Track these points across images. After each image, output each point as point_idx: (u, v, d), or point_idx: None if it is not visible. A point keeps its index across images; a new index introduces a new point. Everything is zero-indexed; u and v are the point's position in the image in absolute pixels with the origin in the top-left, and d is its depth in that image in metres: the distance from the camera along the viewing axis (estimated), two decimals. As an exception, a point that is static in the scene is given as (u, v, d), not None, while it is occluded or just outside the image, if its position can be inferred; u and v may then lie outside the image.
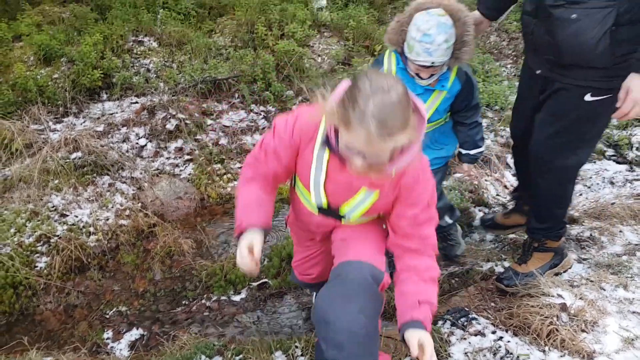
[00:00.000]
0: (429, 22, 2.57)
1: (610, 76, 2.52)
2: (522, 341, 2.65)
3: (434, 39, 2.56)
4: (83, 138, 4.47)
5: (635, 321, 2.77)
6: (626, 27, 2.39)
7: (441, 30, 2.57)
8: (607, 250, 3.61)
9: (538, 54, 2.79)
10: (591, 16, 2.40)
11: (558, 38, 2.54)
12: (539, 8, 2.63)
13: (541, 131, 2.89)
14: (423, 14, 2.62)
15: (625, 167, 4.97)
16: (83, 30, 5.76)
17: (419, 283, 2.03)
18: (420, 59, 2.63)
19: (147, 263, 3.85)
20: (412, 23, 2.64)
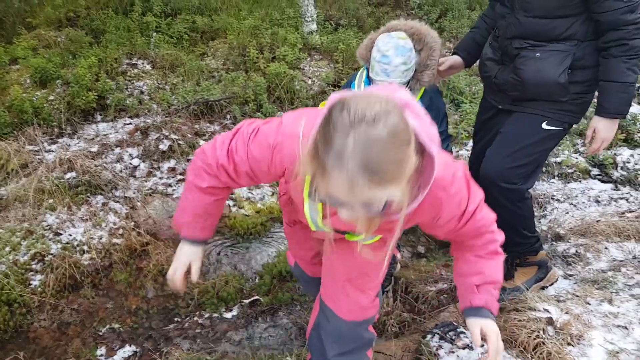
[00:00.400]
0: (388, 44, 2.72)
1: (564, 110, 2.89)
2: (510, 354, 2.70)
3: (391, 60, 2.72)
4: (77, 158, 4.53)
5: (620, 334, 2.84)
6: (579, 71, 2.76)
7: (399, 53, 2.71)
8: (592, 266, 3.69)
9: (500, 93, 3.05)
10: (552, 56, 2.74)
11: (524, 75, 2.83)
12: (503, 55, 2.96)
13: (495, 153, 3.05)
14: (385, 35, 2.77)
15: (610, 186, 5.07)
16: (78, 53, 5.86)
17: (476, 262, 1.87)
18: (379, 78, 2.81)
19: (139, 281, 3.89)
20: (376, 43, 2.80)
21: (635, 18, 2.58)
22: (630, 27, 2.59)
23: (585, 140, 2.97)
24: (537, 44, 2.77)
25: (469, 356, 2.65)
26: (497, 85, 3.04)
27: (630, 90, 2.71)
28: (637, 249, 3.85)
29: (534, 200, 4.81)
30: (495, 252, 1.89)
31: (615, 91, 2.70)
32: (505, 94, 3.01)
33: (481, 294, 1.83)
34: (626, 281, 3.39)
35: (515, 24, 2.81)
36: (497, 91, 3.08)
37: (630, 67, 2.65)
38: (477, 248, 1.86)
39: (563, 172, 5.22)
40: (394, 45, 2.71)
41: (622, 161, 5.33)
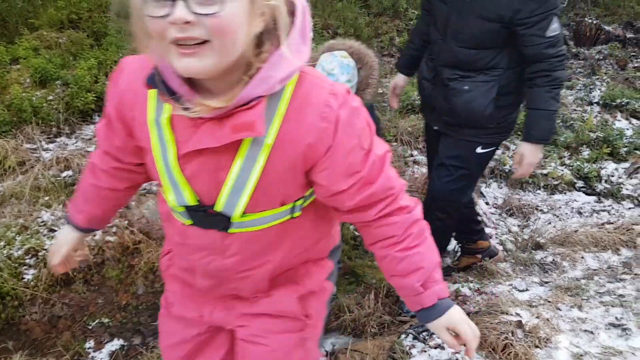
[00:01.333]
0: (333, 63, 2.74)
1: (493, 134, 3.16)
2: (479, 355, 2.82)
3: (337, 79, 2.72)
4: (74, 157, 4.67)
5: (586, 339, 2.97)
6: (504, 96, 2.98)
7: (344, 71, 2.74)
8: (567, 274, 3.82)
9: (435, 113, 3.24)
10: (479, 88, 2.95)
11: (454, 105, 3.06)
12: (436, 77, 3.12)
13: (439, 177, 3.32)
14: (328, 55, 2.80)
15: (593, 199, 5.21)
16: (79, 55, 5.99)
17: (406, 257, 1.48)
18: None
19: (130, 278, 4.00)
20: (318, 64, 2.81)
21: (556, 51, 2.80)
22: (553, 60, 2.80)
23: (513, 165, 3.37)
24: (466, 75, 2.97)
25: (440, 355, 2.77)
26: (432, 105, 3.25)
27: (554, 118, 2.99)
28: (613, 259, 3.98)
29: (519, 211, 4.95)
30: (420, 235, 1.50)
31: (540, 118, 2.94)
32: (439, 115, 3.23)
33: (429, 289, 1.48)
34: (598, 289, 3.52)
35: (447, 52, 2.99)
36: (433, 110, 3.29)
37: (553, 96, 2.88)
38: (399, 239, 1.47)
39: (549, 183, 5.35)
40: (339, 64, 2.74)
41: (607, 174, 5.47)
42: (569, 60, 8.05)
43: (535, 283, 3.69)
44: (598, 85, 7.24)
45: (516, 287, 3.64)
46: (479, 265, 4.04)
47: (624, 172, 5.57)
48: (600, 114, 6.62)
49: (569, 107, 6.63)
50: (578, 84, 7.27)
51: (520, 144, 3.08)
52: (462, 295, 3.55)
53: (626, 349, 2.90)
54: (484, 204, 4.97)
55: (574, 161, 5.61)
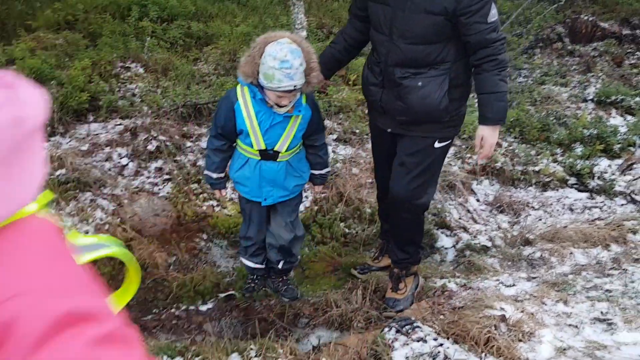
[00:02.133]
0: (283, 50, 2.79)
1: (449, 126, 3.22)
2: (462, 348, 2.84)
3: (291, 64, 2.79)
4: (68, 156, 4.70)
5: (570, 333, 2.98)
6: (454, 89, 3.06)
7: (296, 55, 2.81)
8: (555, 270, 3.84)
9: (387, 116, 3.27)
10: (432, 82, 3.01)
11: (409, 102, 3.08)
12: (385, 80, 3.15)
13: (401, 177, 3.35)
14: (274, 44, 2.83)
15: (585, 195, 5.22)
16: (74, 55, 6.03)
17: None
18: (283, 84, 2.82)
19: (122, 274, 4.03)
20: (267, 54, 2.83)
21: (498, 36, 2.92)
22: (497, 44, 2.92)
23: (475, 149, 3.32)
24: (418, 71, 3.01)
25: (422, 348, 2.79)
26: (383, 108, 3.26)
27: (505, 98, 3.05)
28: (602, 254, 3.99)
29: (510, 207, 4.96)
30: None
31: (493, 101, 3.01)
32: (393, 117, 3.25)
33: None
34: (585, 284, 3.54)
35: (396, 51, 3.01)
36: (384, 113, 3.30)
37: (501, 78, 2.98)
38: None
39: (541, 180, 5.36)
40: (289, 50, 2.80)
41: (600, 171, 5.48)
42: (564, 58, 8.07)
43: (522, 278, 3.70)
44: (593, 82, 7.25)
45: (503, 282, 3.65)
46: (466, 261, 4.07)
47: (617, 169, 5.58)
48: (594, 110, 6.63)
49: (562, 104, 6.65)
50: (573, 81, 7.28)
51: (479, 128, 3.14)
52: (449, 291, 3.58)
53: (611, 344, 2.91)
54: (474, 200, 4.99)
55: (566, 158, 5.62)
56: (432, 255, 4.34)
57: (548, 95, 6.83)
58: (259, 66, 2.87)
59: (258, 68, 2.88)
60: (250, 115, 3.06)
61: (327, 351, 2.92)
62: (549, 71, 7.57)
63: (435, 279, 3.85)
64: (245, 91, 3.04)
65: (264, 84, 2.89)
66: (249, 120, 3.07)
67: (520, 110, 6.23)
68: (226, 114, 3.11)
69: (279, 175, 3.26)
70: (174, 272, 4.06)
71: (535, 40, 8.52)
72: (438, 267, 4.16)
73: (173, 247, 4.31)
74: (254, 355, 2.81)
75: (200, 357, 2.83)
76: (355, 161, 5.31)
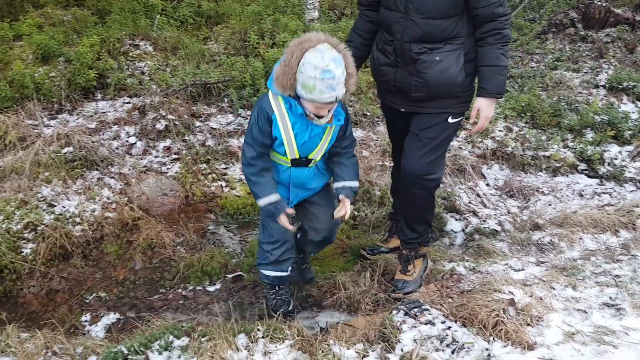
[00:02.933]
0: (325, 58, 2.55)
1: (462, 102, 3.23)
2: (469, 331, 2.82)
3: (334, 74, 2.56)
4: (75, 134, 4.69)
5: (579, 317, 2.95)
6: (468, 64, 3.08)
7: (338, 64, 2.58)
8: (565, 255, 3.80)
9: (400, 94, 3.28)
10: (449, 56, 3.03)
11: (427, 77, 3.08)
12: (399, 58, 3.13)
13: (415, 152, 3.32)
14: (313, 51, 2.59)
15: (595, 181, 5.18)
16: (82, 32, 6.00)
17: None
18: (325, 96, 2.60)
19: (129, 253, 4.04)
20: (306, 63, 2.59)
21: (504, 10, 2.99)
22: (502, 19, 2.99)
23: (470, 120, 3.35)
24: (434, 46, 3.03)
25: (430, 331, 2.76)
26: (397, 87, 3.23)
27: (505, 73, 3.08)
28: (611, 240, 3.96)
29: (520, 192, 4.92)
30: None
31: (493, 74, 3.04)
32: (407, 95, 3.22)
33: None
34: (594, 269, 3.50)
35: (413, 27, 3.01)
36: (396, 93, 3.28)
37: (503, 52, 3.03)
38: None
39: (551, 166, 5.31)
40: (331, 58, 2.57)
41: (610, 157, 5.43)
42: (576, 43, 7.97)
43: (531, 263, 3.67)
44: (605, 68, 7.16)
45: (512, 266, 3.62)
46: (475, 244, 4.04)
47: (627, 155, 5.52)
48: (606, 97, 6.55)
49: (574, 90, 6.57)
50: (585, 66, 7.19)
51: (477, 100, 3.15)
52: (457, 274, 3.55)
53: (619, 329, 2.88)
54: (484, 184, 4.95)
55: (577, 144, 5.57)
56: (441, 239, 4.31)
57: (560, 80, 6.76)
58: (296, 75, 2.63)
59: (296, 77, 2.64)
60: (286, 127, 2.82)
61: (334, 333, 2.91)
62: (561, 56, 7.48)
63: (444, 262, 3.83)
64: (279, 101, 2.78)
65: (302, 95, 2.66)
66: (284, 132, 2.84)
67: (532, 95, 6.16)
68: (263, 128, 2.84)
69: (308, 179, 3.10)
70: (181, 252, 4.06)
71: (548, 25, 8.43)
72: (447, 250, 4.14)
73: (181, 227, 4.30)
74: (261, 336, 2.80)
75: (206, 337, 2.81)
76: (365, 144, 5.27)
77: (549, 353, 2.59)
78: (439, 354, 2.59)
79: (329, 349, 2.69)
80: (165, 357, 2.64)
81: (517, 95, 6.20)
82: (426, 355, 2.57)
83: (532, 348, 2.74)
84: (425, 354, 2.58)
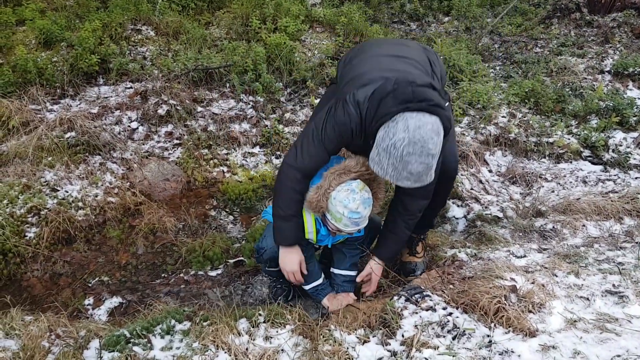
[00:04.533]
0: (356, 201, 2.75)
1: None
2: (471, 318, 2.82)
3: (362, 215, 2.78)
4: (78, 119, 4.68)
5: (581, 305, 2.95)
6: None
7: (367, 205, 2.79)
8: (567, 242, 3.79)
9: None
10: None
11: None
12: None
13: (454, 151, 3.33)
14: (346, 191, 2.78)
15: (599, 168, 5.14)
16: (84, 17, 5.97)
17: None
18: (349, 229, 2.84)
19: (131, 238, 4.05)
20: (336, 198, 2.78)
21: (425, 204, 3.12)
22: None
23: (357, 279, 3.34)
24: None
25: (431, 317, 2.77)
26: None
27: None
28: (615, 227, 3.94)
29: (522, 178, 4.91)
30: None
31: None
32: None
33: None
34: (597, 256, 3.49)
35: None
36: None
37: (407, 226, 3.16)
38: None
39: (554, 152, 5.28)
40: (362, 201, 2.77)
41: (615, 144, 5.39)
42: (582, 28, 7.90)
43: (533, 250, 3.66)
44: (610, 53, 7.10)
45: (514, 253, 3.61)
46: (477, 231, 4.03)
47: (632, 142, 5.48)
48: (611, 82, 6.50)
49: (579, 76, 6.52)
50: (590, 52, 7.13)
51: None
52: (459, 261, 3.55)
53: (622, 316, 2.88)
54: (486, 171, 4.93)
55: (581, 130, 5.53)
56: (443, 225, 4.31)
57: (564, 66, 6.70)
58: (327, 203, 2.82)
59: (327, 204, 2.83)
60: (312, 227, 3.04)
61: (335, 318, 2.92)
62: (566, 42, 7.42)
63: (445, 248, 3.83)
64: (311, 217, 3.02)
65: (329, 219, 2.88)
66: (309, 229, 3.04)
67: (536, 80, 6.12)
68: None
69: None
70: (183, 237, 4.07)
71: (552, 10, 8.35)
72: (449, 236, 4.13)
73: (182, 212, 4.30)
74: (262, 321, 2.81)
75: (208, 321, 2.83)
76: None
77: (550, 340, 2.59)
78: (440, 340, 2.59)
79: (330, 334, 2.70)
80: (167, 340, 2.65)
81: (520, 80, 6.16)
82: (427, 341, 2.57)
83: (534, 335, 2.73)
84: (426, 339, 2.58)
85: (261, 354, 2.53)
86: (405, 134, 2.42)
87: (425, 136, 2.42)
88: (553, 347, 2.54)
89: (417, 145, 2.41)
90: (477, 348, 2.55)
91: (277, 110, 5.37)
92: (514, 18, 8.24)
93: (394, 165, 2.47)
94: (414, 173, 2.46)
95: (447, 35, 7.44)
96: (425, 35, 7.41)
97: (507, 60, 7.04)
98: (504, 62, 7.01)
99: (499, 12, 8.30)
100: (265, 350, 2.55)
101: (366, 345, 2.65)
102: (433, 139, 2.43)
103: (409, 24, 8.16)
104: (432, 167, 2.49)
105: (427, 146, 2.42)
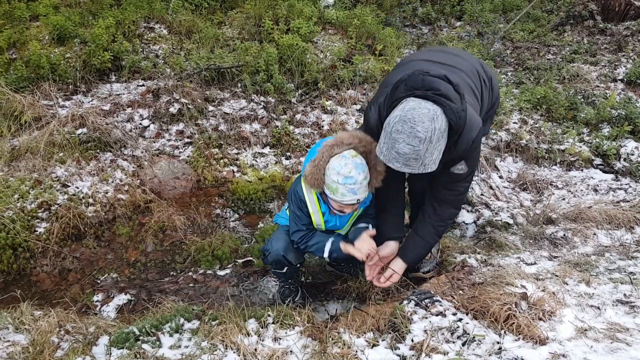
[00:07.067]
0: (348, 165, 2.77)
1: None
2: (481, 324, 2.81)
3: (356, 180, 2.77)
4: (89, 115, 4.69)
5: (592, 314, 2.93)
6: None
7: (360, 170, 2.78)
8: (578, 250, 3.77)
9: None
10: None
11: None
12: None
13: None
14: (338, 158, 2.81)
15: (611, 177, 5.11)
16: (98, 14, 5.99)
17: None
18: (347, 199, 2.82)
19: (140, 235, 4.05)
20: (330, 168, 2.83)
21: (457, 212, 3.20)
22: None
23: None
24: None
25: (441, 322, 2.75)
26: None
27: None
28: (626, 236, 3.92)
29: (533, 185, 4.89)
30: None
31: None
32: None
33: None
34: (608, 265, 3.47)
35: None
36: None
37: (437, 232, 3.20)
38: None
39: (565, 159, 5.26)
40: (354, 165, 2.78)
41: (626, 153, 5.36)
42: (595, 36, 7.86)
43: (544, 257, 3.64)
44: (624, 61, 7.06)
45: (524, 260, 3.59)
46: (487, 237, 4.02)
47: (644, 151, 5.45)
48: (624, 91, 6.47)
49: (591, 83, 6.49)
50: (603, 59, 7.10)
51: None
52: (469, 266, 3.53)
53: (633, 326, 2.86)
54: (497, 177, 4.91)
55: (593, 138, 5.51)
56: (453, 230, 4.29)
57: (577, 73, 6.67)
58: (324, 176, 2.86)
59: (323, 178, 2.87)
60: (317, 212, 3.10)
61: (344, 320, 2.91)
62: (579, 49, 7.39)
63: (455, 253, 3.81)
64: (313, 196, 3.07)
65: (327, 194, 2.91)
66: (315, 216, 3.10)
67: (548, 87, 6.10)
68: (300, 205, 3.11)
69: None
70: (192, 236, 4.06)
71: (565, 17, 8.32)
72: (458, 242, 4.11)
73: (192, 211, 4.30)
74: (271, 322, 2.80)
75: (217, 321, 2.82)
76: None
77: (561, 348, 2.57)
78: (450, 346, 2.58)
79: (338, 336, 2.69)
80: (176, 339, 2.65)
81: (532, 87, 6.14)
82: (437, 347, 2.56)
83: (544, 343, 2.72)
84: (436, 345, 2.57)
85: (270, 354, 2.52)
86: (399, 112, 2.43)
87: (417, 118, 2.39)
88: (563, 356, 2.52)
89: (407, 125, 2.38)
90: (487, 355, 2.53)
91: (288, 111, 5.37)
92: (527, 24, 8.21)
93: (386, 143, 2.47)
94: (401, 154, 2.42)
95: (459, 40, 7.43)
96: (437, 40, 7.40)
97: (519, 66, 7.01)
98: (516, 68, 6.98)
99: (512, 17, 8.27)
100: (274, 351, 2.54)
101: (375, 349, 2.63)
102: (424, 123, 2.39)
103: (421, 27, 8.14)
104: (421, 153, 2.42)
105: (415, 127, 2.38)
